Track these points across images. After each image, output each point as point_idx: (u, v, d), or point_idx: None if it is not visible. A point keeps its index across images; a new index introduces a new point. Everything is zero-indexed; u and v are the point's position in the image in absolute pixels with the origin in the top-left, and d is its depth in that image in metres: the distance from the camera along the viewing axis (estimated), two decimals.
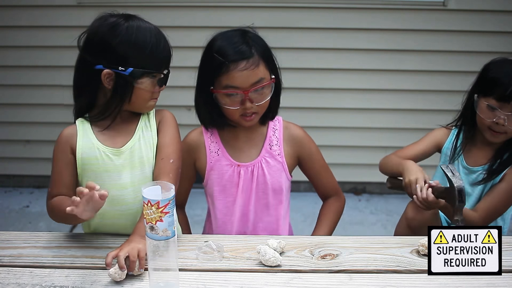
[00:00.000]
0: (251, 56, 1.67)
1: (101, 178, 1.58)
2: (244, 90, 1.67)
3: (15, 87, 3.70)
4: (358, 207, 3.62)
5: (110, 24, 1.54)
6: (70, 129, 1.63)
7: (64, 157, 1.60)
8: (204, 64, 1.75)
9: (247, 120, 1.73)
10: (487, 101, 1.84)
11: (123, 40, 1.51)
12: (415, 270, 1.43)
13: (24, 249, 1.56)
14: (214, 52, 1.68)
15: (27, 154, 3.80)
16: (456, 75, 3.48)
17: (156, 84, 1.59)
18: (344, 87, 3.59)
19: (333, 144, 3.65)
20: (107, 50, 1.52)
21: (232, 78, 1.66)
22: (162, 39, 1.58)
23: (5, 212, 3.56)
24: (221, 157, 1.80)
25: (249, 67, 1.66)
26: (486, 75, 1.88)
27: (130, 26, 1.54)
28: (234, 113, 1.71)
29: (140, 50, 1.53)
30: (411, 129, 3.61)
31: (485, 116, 1.85)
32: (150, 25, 1.59)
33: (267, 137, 1.82)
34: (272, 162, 1.80)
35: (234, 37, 1.70)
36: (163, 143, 1.63)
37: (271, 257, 1.43)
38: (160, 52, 1.57)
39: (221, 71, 1.66)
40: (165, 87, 1.64)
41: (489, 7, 3.37)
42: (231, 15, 3.39)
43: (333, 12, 3.44)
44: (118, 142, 1.61)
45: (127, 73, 1.52)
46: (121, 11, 1.63)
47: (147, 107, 1.64)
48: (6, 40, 3.57)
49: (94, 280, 1.39)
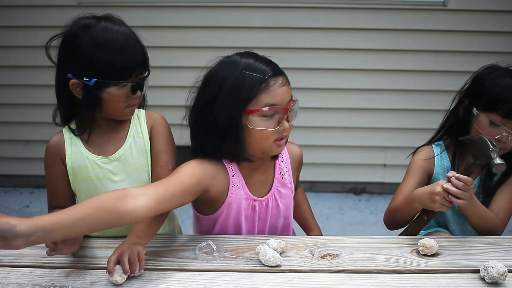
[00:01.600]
0: (282, 73, 1.53)
1: (94, 186, 1.58)
2: (284, 107, 1.50)
3: (15, 87, 3.70)
4: (358, 207, 3.62)
5: (74, 32, 1.47)
6: (57, 138, 1.60)
7: (56, 169, 1.59)
8: (222, 92, 1.48)
9: (280, 144, 1.54)
10: (490, 117, 1.70)
11: (87, 50, 1.44)
12: (415, 270, 1.43)
13: (24, 249, 1.56)
14: (244, 71, 1.47)
15: (27, 154, 3.80)
16: (456, 75, 3.46)
17: (129, 92, 1.50)
18: (344, 87, 3.59)
19: (333, 144, 3.65)
20: (73, 59, 1.47)
21: (273, 95, 1.47)
22: (131, 45, 1.47)
23: (5, 212, 3.55)
24: (240, 190, 1.61)
25: (286, 83, 1.51)
26: (486, 88, 1.72)
27: (95, 35, 1.45)
28: (269, 137, 1.50)
29: (104, 60, 1.44)
30: (411, 129, 3.62)
31: (487, 132, 1.70)
32: (120, 28, 1.48)
33: (277, 166, 1.68)
34: (284, 191, 1.70)
35: (249, 61, 1.50)
36: (159, 150, 1.61)
37: (271, 257, 1.43)
38: (128, 60, 1.46)
39: (260, 88, 1.46)
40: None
41: (489, 7, 3.37)
42: (231, 15, 3.39)
43: (333, 12, 3.44)
44: (108, 150, 1.59)
45: (91, 84, 1.45)
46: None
47: (123, 115, 1.57)
48: (6, 40, 3.57)
49: (94, 280, 1.39)
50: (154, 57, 3.97)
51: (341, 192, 3.78)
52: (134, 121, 1.64)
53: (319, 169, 3.70)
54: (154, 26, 3.44)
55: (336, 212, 3.51)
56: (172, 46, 3.46)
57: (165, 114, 1.77)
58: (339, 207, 3.58)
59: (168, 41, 3.45)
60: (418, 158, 1.86)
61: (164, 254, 1.52)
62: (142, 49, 1.52)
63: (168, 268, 1.45)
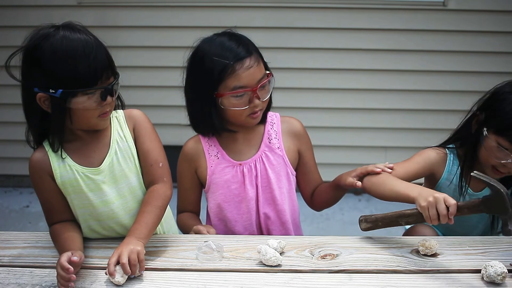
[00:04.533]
0: (251, 53, 1.66)
1: (86, 197, 1.55)
2: (252, 88, 1.64)
3: (15, 87, 3.68)
4: (358, 207, 3.62)
5: (34, 43, 1.42)
6: (40, 154, 1.54)
7: (46, 185, 1.54)
8: (199, 72, 1.68)
9: (255, 117, 1.71)
10: (499, 141, 1.63)
11: (48, 61, 1.40)
12: (415, 270, 1.43)
13: (24, 249, 1.56)
14: (213, 57, 1.63)
15: (27, 154, 3.78)
16: (456, 75, 3.49)
17: (99, 100, 1.45)
18: (344, 87, 3.58)
19: (333, 144, 3.65)
20: (36, 72, 1.43)
21: (239, 78, 1.63)
22: (91, 51, 1.42)
23: (5, 212, 3.56)
24: (221, 160, 1.78)
25: (253, 64, 1.64)
26: (502, 110, 1.63)
27: (54, 45, 1.40)
28: (242, 114, 1.68)
29: (67, 69, 1.39)
30: (411, 129, 3.61)
31: (493, 156, 1.65)
32: (80, 36, 1.43)
33: (265, 132, 1.80)
34: (272, 157, 1.79)
35: (224, 40, 1.67)
36: (146, 149, 1.60)
37: (272, 257, 1.43)
38: (90, 67, 1.41)
39: (226, 73, 1.62)
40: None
41: (489, 7, 3.37)
42: (231, 15, 3.39)
43: (333, 12, 3.44)
44: (94, 160, 1.55)
45: (57, 95, 1.40)
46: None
47: (96, 125, 1.51)
48: (7, 40, 3.56)
49: (94, 280, 1.39)
50: (154, 57, 3.97)
51: None
52: (115, 124, 1.60)
53: (319, 169, 3.69)
54: (154, 26, 3.44)
55: (336, 212, 3.51)
56: (172, 46, 3.45)
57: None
58: (339, 207, 3.57)
59: (168, 41, 3.45)
60: (432, 152, 1.79)
61: (164, 254, 1.52)
62: (105, 54, 1.47)
63: (168, 268, 1.45)
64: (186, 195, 1.86)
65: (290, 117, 1.87)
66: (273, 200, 1.80)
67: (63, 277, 1.33)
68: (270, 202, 1.81)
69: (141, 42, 3.46)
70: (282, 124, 1.83)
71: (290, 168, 1.82)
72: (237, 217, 1.82)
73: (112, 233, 1.63)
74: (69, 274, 1.32)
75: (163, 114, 3.30)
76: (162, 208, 1.57)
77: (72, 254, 1.37)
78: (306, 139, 1.86)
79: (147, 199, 1.57)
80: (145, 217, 1.51)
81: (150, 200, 1.56)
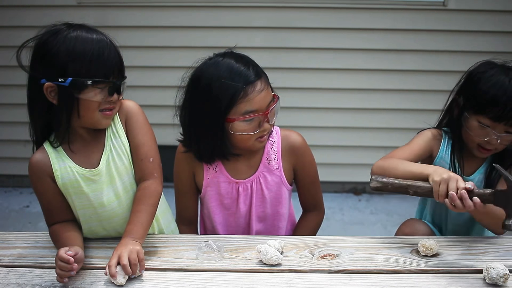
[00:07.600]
0: (261, 76, 1.59)
1: (87, 198, 1.55)
2: (264, 112, 1.59)
3: (15, 87, 3.69)
4: (358, 207, 3.62)
5: (48, 34, 1.45)
6: (41, 155, 1.54)
7: (46, 186, 1.54)
8: (205, 99, 1.58)
9: (262, 141, 1.65)
10: (479, 119, 1.69)
11: (61, 49, 1.41)
12: (415, 270, 1.43)
13: (24, 249, 1.56)
14: (222, 80, 1.54)
15: (27, 154, 3.77)
16: (456, 75, 3.43)
17: (106, 94, 1.47)
18: (343, 87, 3.58)
19: (333, 144, 3.65)
20: (46, 61, 1.43)
21: (252, 103, 1.55)
22: (106, 48, 1.45)
23: (5, 212, 3.56)
24: (219, 174, 1.73)
25: (264, 88, 1.58)
26: (479, 90, 1.69)
27: (70, 35, 1.43)
28: (250, 138, 1.62)
29: (79, 58, 1.42)
30: (411, 129, 3.57)
31: (476, 134, 1.70)
32: (95, 35, 1.47)
33: (265, 153, 1.73)
34: (270, 177, 1.74)
35: (231, 63, 1.57)
36: (137, 143, 1.57)
37: (272, 256, 1.43)
38: (104, 61, 1.44)
39: (238, 97, 1.54)
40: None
41: (489, 7, 3.37)
42: (231, 15, 3.39)
43: (333, 12, 3.44)
44: (93, 160, 1.55)
45: (67, 84, 1.41)
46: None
47: (100, 122, 1.52)
48: (7, 40, 3.57)
49: (93, 280, 1.39)
50: (154, 57, 3.98)
51: (341, 192, 3.78)
52: None
53: (319, 169, 3.67)
54: (154, 26, 3.44)
55: (336, 212, 3.51)
56: (172, 46, 3.46)
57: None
58: (339, 207, 3.58)
59: (168, 41, 3.45)
60: (429, 133, 1.84)
61: (164, 254, 1.52)
62: (118, 54, 1.50)
63: (168, 268, 1.46)
64: (184, 200, 1.82)
65: (291, 132, 1.79)
66: (265, 218, 1.79)
67: (64, 267, 1.34)
68: (262, 219, 1.80)
69: (141, 42, 3.46)
70: (282, 142, 1.76)
71: (286, 185, 1.78)
72: (226, 229, 1.81)
73: (114, 233, 1.63)
74: (71, 264, 1.33)
75: (163, 114, 3.27)
76: (155, 206, 1.57)
77: (69, 249, 1.37)
78: (304, 155, 1.78)
79: (139, 197, 1.56)
80: (139, 217, 1.51)
81: (142, 198, 1.55)
